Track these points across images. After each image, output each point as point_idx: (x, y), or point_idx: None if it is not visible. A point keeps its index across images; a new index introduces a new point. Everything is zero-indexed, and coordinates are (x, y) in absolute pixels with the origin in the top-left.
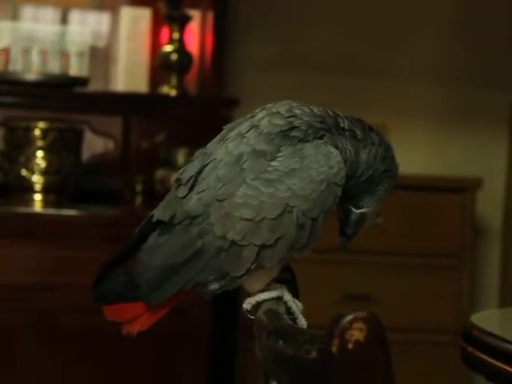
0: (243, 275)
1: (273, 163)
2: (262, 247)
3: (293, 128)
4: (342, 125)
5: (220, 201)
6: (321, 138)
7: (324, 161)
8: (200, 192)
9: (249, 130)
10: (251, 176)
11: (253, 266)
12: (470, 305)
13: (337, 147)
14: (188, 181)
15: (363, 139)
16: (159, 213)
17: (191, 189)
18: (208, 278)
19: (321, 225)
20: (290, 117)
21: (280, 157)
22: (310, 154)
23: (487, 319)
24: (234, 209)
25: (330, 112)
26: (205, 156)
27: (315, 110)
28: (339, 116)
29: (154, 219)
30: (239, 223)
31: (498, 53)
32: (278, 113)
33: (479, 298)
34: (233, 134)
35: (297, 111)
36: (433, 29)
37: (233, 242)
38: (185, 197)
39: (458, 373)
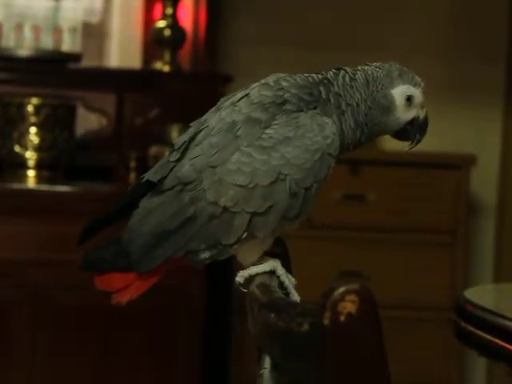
0: (234, 244)
1: (267, 131)
2: (254, 215)
3: (285, 101)
4: (324, 95)
5: (213, 167)
6: (314, 108)
7: (319, 130)
8: (193, 158)
9: (240, 99)
10: (245, 143)
11: (244, 235)
12: (464, 281)
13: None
14: (181, 146)
15: (346, 106)
16: (150, 175)
17: (183, 154)
18: (199, 246)
19: (313, 195)
20: (279, 89)
21: (275, 125)
22: (305, 124)
23: (481, 294)
24: (227, 175)
25: (312, 79)
26: (199, 124)
27: (299, 80)
28: (322, 82)
29: (144, 180)
30: (232, 189)
31: (493, 29)
32: (267, 84)
33: (473, 274)
34: (226, 103)
35: (284, 83)
36: (427, 6)
37: (225, 209)
38: (177, 161)
39: (451, 349)
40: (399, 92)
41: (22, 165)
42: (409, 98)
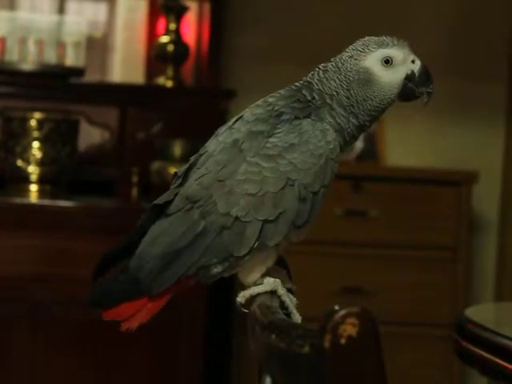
0: (246, 255)
1: (271, 140)
2: (265, 223)
3: (281, 113)
4: (309, 97)
5: (221, 181)
6: (309, 115)
7: (321, 136)
8: (199, 178)
9: (235, 122)
10: (251, 154)
11: (256, 245)
12: (465, 297)
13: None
14: (182, 172)
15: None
16: (156, 201)
17: (185, 179)
18: (211, 261)
19: (320, 201)
20: (268, 105)
21: (278, 133)
22: (308, 130)
23: (481, 313)
24: (237, 185)
25: (295, 86)
26: (198, 154)
27: (283, 92)
28: (304, 86)
29: (151, 208)
30: (243, 198)
31: (494, 44)
32: (256, 105)
33: (475, 291)
34: (222, 129)
35: (270, 99)
36: (429, 21)
37: (236, 219)
38: (179, 186)
39: (452, 366)
40: (372, 60)
41: (25, 179)
42: (387, 60)
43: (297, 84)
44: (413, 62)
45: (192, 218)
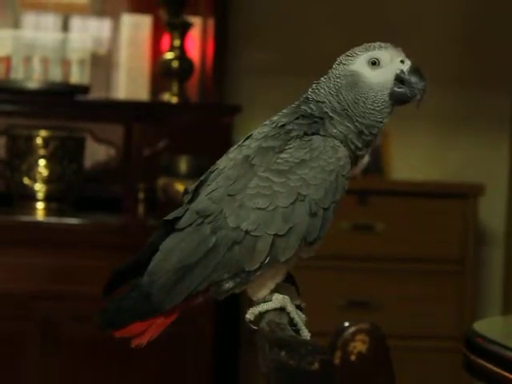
0: (257, 270)
1: (282, 155)
2: (276, 237)
3: (290, 130)
4: (309, 111)
5: (232, 195)
6: (317, 131)
7: (332, 153)
8: (210, 192)
9: (245, 140)
10: (262, 169)
11: (267, 260)
12: (472, 311)
13: (332, 135)
14: (193, 189)
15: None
16: (166, 217)
17: (195, 194)
18: (223, 276)
19: (331, 217)
20: (273, 123)
21: (289, 149)
22: (319, 146)
23: (490, 327)
24: (247, 200)
25: (295, 104)
26: (208, 172)
27: (285, 110)
28: (303, 102)
29: (162, 224)
30: (253, 213)
31: (499, 58)
32: (263, 124)
33: (482, 304)
34: (232, 148)
35: (274, 118)
36: (434, 33)
37: (247, 233)
38: (189, 202)
39: (460, 380)
40: (359, 63)
41: (31, 197)
42: (374, 62)
43: (296, 103)
44: (402, 62)
45: (203, 233)
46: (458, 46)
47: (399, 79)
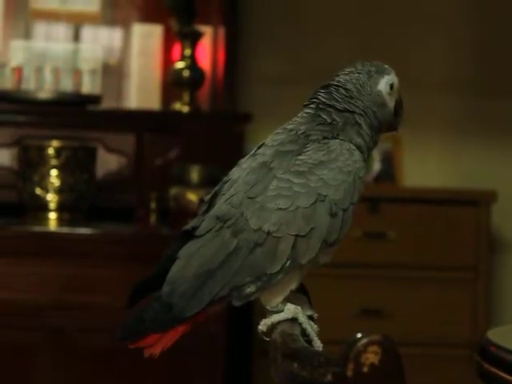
0: (279, 272)
1: (300, 157)
2: (297, 238)
3: (309, 135)
4: (329, 120)
5: (252, 198)
6: (337, 136)
7: (348, 155)
8: (228, 198)
9: (258, 149)
10: (281, 171)
11: (288, 262)
12: (486, 317)
13: (351, 141)
14: (208, 199)
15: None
16: (184, 227)
17: (210, 205)
18: (244, 280)
19: (350, 219)
20: (290, 130)
21: (307, 151)
22: (336, 149)
23: (504, 335)
24: (268, 201)
25: (307, 113)
26: (222, 182)
27: (299, 119)
28: (319, 109)
29: (181, 234)
30: (274, 214)
31: (511, 63)
32: (276, 132)
33: (495, 311)
34: (245, 158)
35: (289, 126)
36: (445, 40)
37: (268, 234)
38: (205, 212)
39: None
40: (383, 85)
41: (44, 207)
42: (391, 87)
43: (309, 111)
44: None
45: (223, 238)
46: (469, 52)
47: (394, 109)
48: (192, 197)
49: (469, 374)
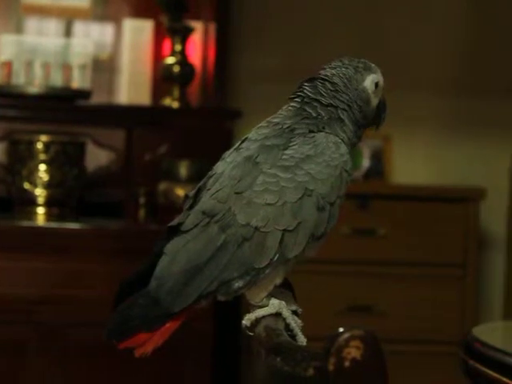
0: (266, 267)
1: (287, 152)
2: (285, 233)
3: (294, 129)
4: (314, 114)
5: (239, 193)
6: (323, 129)
7: (335, 148)
8: (214, 193)
9: (241, 143)
10: (267, 166)
11: (276, 257)
12: (474, 314)
13: (336, 135)
14: (193, 195)
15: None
16: (170, 223)
17: (195, 200)
18: (232, 275)
19: (337, 212)
20: (275, 124)
21: (293, 145)
22: (322, 142)
23: (489, 332)
24: (256, 196)
25: (292, 107)
26: (207, 177)
27: (285, 113)
28: (304, 103)
29: (166, 231)
30: (262, 209)
31: (500, 62)
32: (261, 126)
33: (484, 308)
34: (228, 153)
35: (275, 120)
36: (433, 39)
37: (256, 229)
38: (190, 207)
39: None
40: (369, 82)
41: (32, 202)
42: (376, 85)
43: (294, 104)
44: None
45: (211, 233)
46: (458, 49)
47: (377, 108)
48: (181, 192)
49: (457, 371)
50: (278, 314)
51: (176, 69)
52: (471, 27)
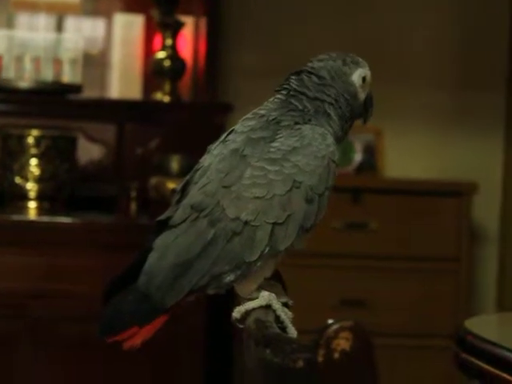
0: (257, 260)
1: (273, 144)
2: (275, 226)
3: (280, 121)
4: (300, 107)
5: (227, 187)
6: (309, 120)
7: (321, 139)
8: (202, 187)
9: (227, 136)
10: (255, 159)
11: (266, 250)
12: (467, 308)
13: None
14: (180, 189)
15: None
16: (158, 218)
17: (183, 194)
18: (223, 269)
19: (325, 204)
20: (261, 116)
21: (280, 138)
22: (309, 134)
23: (481, 325)
24: (244, 190)
25: (278, 99)
26: (195, 168)
27: (271, 105)
28: (290, 96)
29: (155, 226)
30: (251, 203)
31: (493, 56)
32: (247, 118)
33: (477, 302)
34: (214, 145)
35: (261, 112)
36: (429, 32)
37: (246, 223)
38: (178, 201)
39: (454, 378)
40: (357, 76)
41: (23, 196)
42: (364, 79)
43: (280, 96)
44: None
45: (200, 227)
46: (451, 44)
47: (364, 102)
48: (172, 186)
49: (450, 364)
50: (268, 307)
51: (167, 63)
52: (464, 21)
